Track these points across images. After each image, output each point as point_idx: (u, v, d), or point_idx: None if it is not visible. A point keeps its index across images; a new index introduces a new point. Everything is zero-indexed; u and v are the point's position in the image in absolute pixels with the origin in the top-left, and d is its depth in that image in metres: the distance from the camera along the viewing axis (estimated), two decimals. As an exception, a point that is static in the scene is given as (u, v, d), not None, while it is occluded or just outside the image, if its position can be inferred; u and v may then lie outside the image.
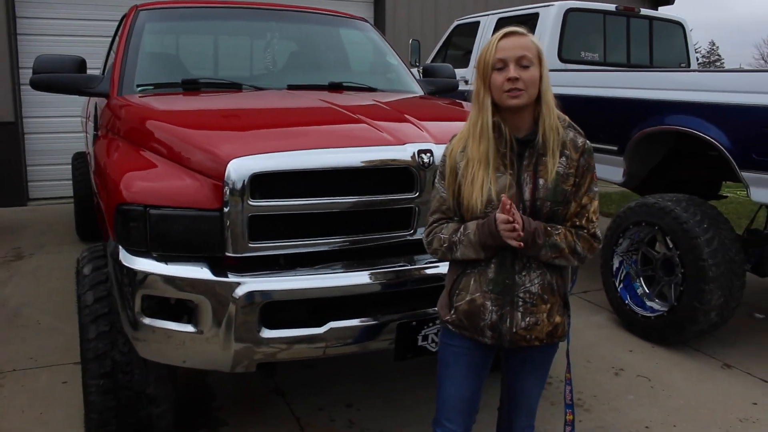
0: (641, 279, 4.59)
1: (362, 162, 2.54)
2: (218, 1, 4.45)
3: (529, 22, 6.41)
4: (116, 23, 4.98)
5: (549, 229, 2.03)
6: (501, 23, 6.94)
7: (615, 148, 5.11)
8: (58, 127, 8.67)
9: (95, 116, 3.99)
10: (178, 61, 4.11)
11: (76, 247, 6.34)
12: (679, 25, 7.05)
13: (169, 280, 2.35)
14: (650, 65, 6.74)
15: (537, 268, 2.07)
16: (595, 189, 2.11)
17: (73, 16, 8.57)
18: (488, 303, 2.08)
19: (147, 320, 2.42)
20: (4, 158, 8.45)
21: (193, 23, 4.24)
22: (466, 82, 7.10)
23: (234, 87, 3.74)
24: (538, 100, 2.03)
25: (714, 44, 69.25)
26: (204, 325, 2.37)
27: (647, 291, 4.55)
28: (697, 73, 5.41)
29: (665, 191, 4.80)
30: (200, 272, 2.35)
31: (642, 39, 6.69)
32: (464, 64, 7.39)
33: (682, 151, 5.06)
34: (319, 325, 2.46)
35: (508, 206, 1.93)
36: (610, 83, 5.30)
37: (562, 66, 6.16)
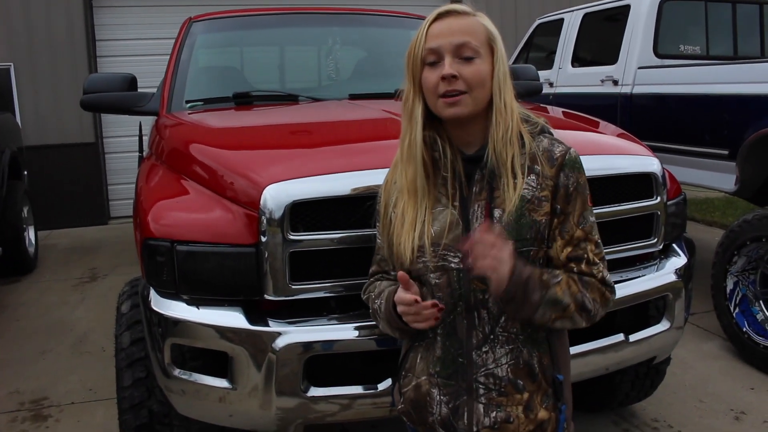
0: (761, 303, 3.95)
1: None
2: (276, 8, 4.16)
3: (619, 15, 5.84)
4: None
5: (546, 276, 1.44)
6: (587, 19, 6.42)
7: (725, 152, 4.50)
8: (136, 146, 8.73)
9: (140, 136, 3.78)
10: (232, 73, 3.83)
11: (147, 268, 6.26)
12: (795, 9, 6.27)
13: (199, 327, 2.01)
14: (762, 56, 6.00)
15: (506, 342, 1.48)
16: (591, 219, 1.51)
17: (145, 36, 8.58)
18: (435, 391, 1.52)
19: (177, 371, 2.10)
20: (86, 178, 8.57)
21: (248, 33, 3.95)
22: (551, 84, 6.60)
23: (289, 99, 3.40)
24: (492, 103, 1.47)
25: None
26: (239, 381, 2.01)
27: (770, 317, 3.92)
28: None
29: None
30: (234, 319, 1.99)
31: (751, 27, 5.95)
32: (548, 65, 6.88)
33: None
34: (377, 381, 2.04)
35: (405, 281, 1.43)
36: (716, 78, 4.67)
37: (659, 62, 5.55)
